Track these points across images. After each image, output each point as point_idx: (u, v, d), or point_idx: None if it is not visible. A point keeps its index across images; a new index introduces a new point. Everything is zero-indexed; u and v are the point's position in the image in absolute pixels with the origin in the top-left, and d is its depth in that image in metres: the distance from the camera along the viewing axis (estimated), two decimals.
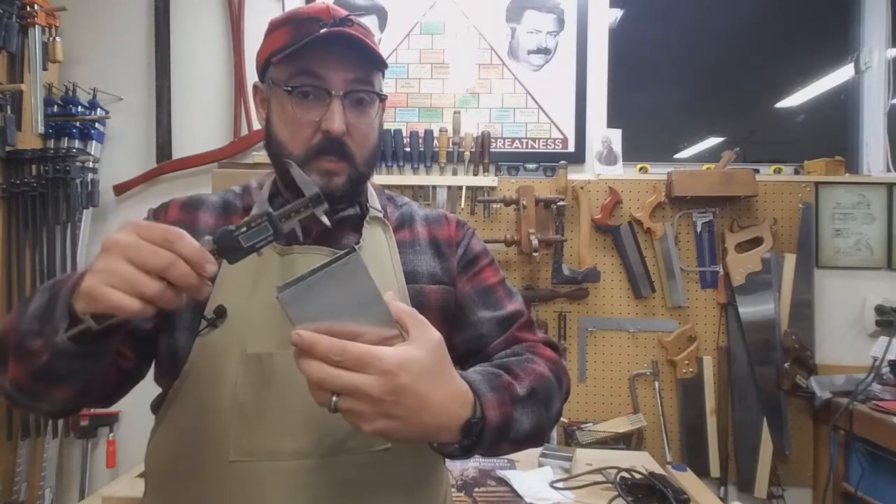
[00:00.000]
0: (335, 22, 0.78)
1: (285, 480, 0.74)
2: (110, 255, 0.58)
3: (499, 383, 0.72)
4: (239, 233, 0.63)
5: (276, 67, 0.80)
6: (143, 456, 0.83)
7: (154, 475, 0.82)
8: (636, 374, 2.21)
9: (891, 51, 2.36)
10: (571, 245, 2.22)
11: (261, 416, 0.74)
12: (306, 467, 0.74)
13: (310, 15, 0.80)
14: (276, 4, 2.35)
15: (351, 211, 0.86)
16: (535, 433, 0.75)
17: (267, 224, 0.64)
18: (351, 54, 0.78)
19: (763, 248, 2.16)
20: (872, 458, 1.86)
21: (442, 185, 2.25)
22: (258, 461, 0.74)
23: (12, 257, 2.16)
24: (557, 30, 2.32)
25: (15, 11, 2.08)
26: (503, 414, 0.69)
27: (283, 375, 0.74)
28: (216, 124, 2.37)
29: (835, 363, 2.17)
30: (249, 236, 0.64)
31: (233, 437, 0.74)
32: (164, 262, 0.57)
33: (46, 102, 2.21)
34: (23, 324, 0.65)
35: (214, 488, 0.74)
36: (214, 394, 0.75)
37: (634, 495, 1.43)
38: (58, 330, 0.60)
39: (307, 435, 0.74)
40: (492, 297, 0.91)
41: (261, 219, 0.64)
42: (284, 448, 0.74)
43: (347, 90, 0.78)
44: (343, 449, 0.75)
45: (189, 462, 0.76)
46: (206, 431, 0.75)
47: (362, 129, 0.81)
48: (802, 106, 2.57)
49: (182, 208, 0.86)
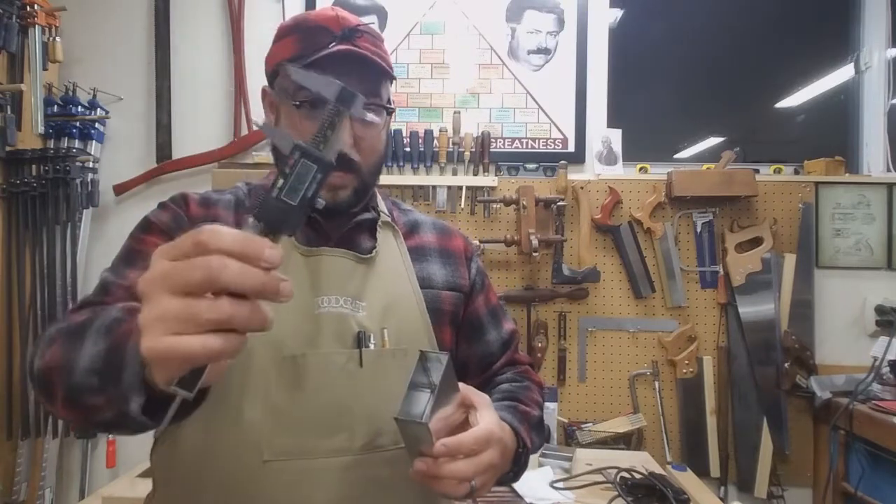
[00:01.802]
0: (345, 33, 0.79)
1: (319, 478, 0.75)
2: (151, 297, 0.45)
3: (519, 416, 0.86)
4: (279, 191, 0.48)
5: (284, 78, 0.81)
6: (143, 456, 0.83)
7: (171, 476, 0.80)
8: (636, 374, 2.21)
9: (891, 51, 2.36)
10: (571, 245, 2.22)
11: (294, 416, 0.75)
12: (340, 465, 0.76)
13: (319, 24, 0.81)
14: (276, 5, 2.35)
15: (367, 215, 0.88)
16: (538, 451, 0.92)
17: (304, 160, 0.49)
18: (360, 70, 0.79)
19: (763, 248, 2.16)
20: (872, 458, 1.86)
21: (442, 185, 2.25)
22: (293, 461, 0.75)
23: (12, 257, 2.16)
24: (557, 30, 2.32)
25: (15, 11, 2.08)
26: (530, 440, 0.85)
27: (315, 376, 0.76)
28: (216, 124, 2.37)
29: (835, 363, 2.17)
30: (293, 188, 0.48)
31: (266, 438, 0.74)
32: (206, 271, 0.43)
33: (46, 102, 2.21)
34: (76, 374, 0.57)
35: (248, 489, 0.75)
36: (246, 396, 0.75)
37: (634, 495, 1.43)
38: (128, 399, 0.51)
39: (340, 433, 0.76)
40: (497, 316, 0.99)
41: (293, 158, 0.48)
42: (318, 447, 0.75)
43: None
44: (374, 446, 0.77)
45: (219, 462, 0.76)
46: (237, 433, 0.75)
47: (370, 142, 0.82)
48: (802, 106, 2.57)
49: (201, 204, 0.85)
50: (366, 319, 0.80)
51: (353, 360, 0.77)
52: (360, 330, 0.79)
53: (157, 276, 0.45)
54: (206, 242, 0.43)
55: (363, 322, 0.80)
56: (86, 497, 2.22)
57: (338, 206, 0.81)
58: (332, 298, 0.79)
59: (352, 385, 0.77)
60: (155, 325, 0.44)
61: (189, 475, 0.78)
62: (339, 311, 0.79)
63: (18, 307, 2.16)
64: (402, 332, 0.82)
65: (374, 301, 0.82)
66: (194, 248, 0.44)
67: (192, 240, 0.44)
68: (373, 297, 0.82)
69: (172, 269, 0.44)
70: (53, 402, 0.62)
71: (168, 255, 0.46)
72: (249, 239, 0.44)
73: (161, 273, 0.45)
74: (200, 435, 0.76)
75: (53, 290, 2.17)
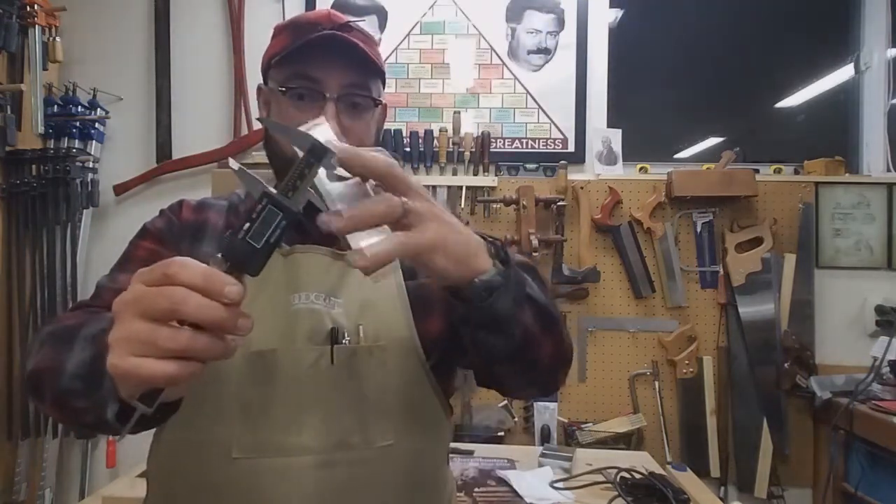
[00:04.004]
0: (335, 28, 0.80)
1: (289, 477, 0.74)
2: (121, 317, 0.48)
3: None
4: (244, 233, 0.50)
5: (276, 70, 0.83)
6: (143, 456, 0.83)
7: (156, 475, 0.82)
8: (636, 374, 2.21)
9: (891, 51, 2.36)
10: (571, 245, 2.21)
11: (264, 412, 0.75)
12: (310, 463, 0.74)
13: (311, 21, 0.82)
14: (276, 5, 2.35)
15: None
16: (547, 306, 0.70)
17: (271, 207, 0.50)
18: (347, 59, 0.80)
19: (763, 248, 2.16)
20: (872, 458, 1.86)
21: (442, 185, 2.25)
22: (262, 458, 0.74)
23: (12, 257, 2.16)
24: (557, 30, 2.32)
25: (15, 11, 2.08)
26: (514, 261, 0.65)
27: (286, 371, 0.75)
28: (216, 124, 2.37)
29: (835, 363, 2.17)
30: (258, 232, 0.50)
31: (236, 435, 0.74)
32: (169, 301, 0.46)
33: (46, 102, 2.21)
34: (64, 378, 0.61)
35: (218, 486, 0.74)
36: (216, 392, 0.75)
37: (634, 495, 1.43)
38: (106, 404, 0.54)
39: (310, 430, 0.75)
40: None
41: (261, 204, 0.50)
42: (288, 444, 0.74)
43: (342, 93, 0.80)
44: (346, 445, 0.76)
45: (192, 460, 0.76)
46: (208, 429, 0.75)
47: (357, 132, 0.82)
48: (802, 106, 2.57)
49: (195, 209, 0.88)
50: (341, 316, 0.79)
51: (324, 356, 0.76)
52: (334, 326, 0.78)
53: (129, 299, 0.48)
54: (173, 275, 0.47)
55: (338, 318, 0.79)
56: (86, 497, 2.23)
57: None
58: (306, 295, 0.78)
59: (322, 382, 0.76)
60: (121, 345, 0.47)
61: (169, 473, 0.79)
62: (312, 307, 0.78)
63: (18, 307, 2.16)
64: (380, 328, 0.80)
65: (351, 297, 0.81)
66: (163, 278, 0.47)
67: (163, 270, 0.47)
68: (349, 293, 0.81)
69: (142, 295, 0.48)
70: (43, 401, 0.66)
71: (143, 279, 0.49)
72: (213, 274, 0.47)
73: (133, 296, 0.48)
74: (175, 432, 0.77)
75: (53, 290, 2.17)
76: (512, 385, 0.77)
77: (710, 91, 2.57)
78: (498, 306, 0.61)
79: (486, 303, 0.60)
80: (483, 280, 0.59)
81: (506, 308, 0.62)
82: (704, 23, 2.51)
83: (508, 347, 0.65)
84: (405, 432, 0.79)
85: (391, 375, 0.79)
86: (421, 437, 0.81)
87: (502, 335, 0.64)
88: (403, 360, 0.80)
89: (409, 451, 0.79)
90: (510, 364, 0.69)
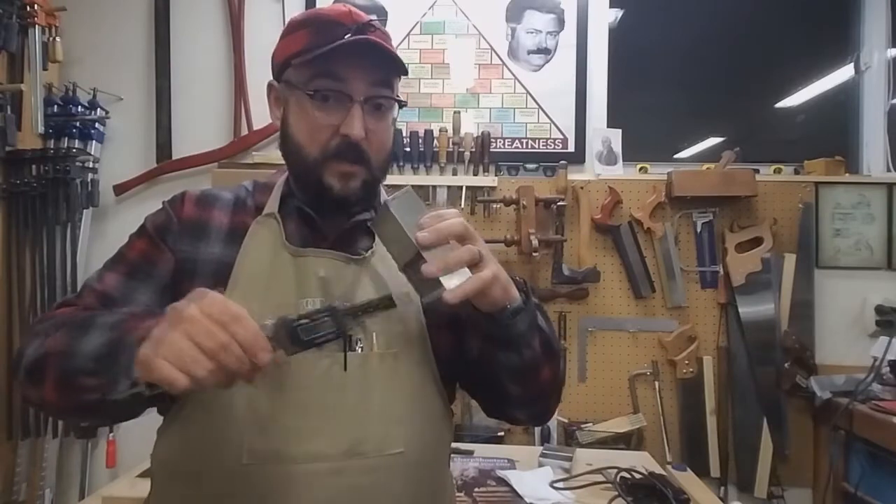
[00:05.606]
0: (359, 27, 0.79)
1: (298, 484, 0.73)
2: (171, 326, 0.58)
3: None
4: (299, 324, 0.62)
5: (296, 69, 0.81)
6: (143, 456, 0.83)
7: (162, 476, 0.81)
8: (636, 374, 2.21)
9: (891, 51, 2.36)
10: (571, 245, 2.21)
11: (275, 419, 0.74)
12: (319, 471, 0.74)
13: (332, 18, 0.81)
14: (276, 5, 2.34)
15: (366, 215, 0.86)
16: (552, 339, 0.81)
17: (330, 320, 0.64)
18: (373, 61, 0.79)
19: (763, 248, 2.16)
20: (872, 458, 1.86)
21: (442, 185, 2.25)
22: (273, 465, 0.74)
23: (12, 257, 2.16)
24: (557, 30, 2.32)
25: (15, 11, 2.08)
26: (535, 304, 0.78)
27: (297, 379, 0.75)
28: (216, 124, 2.37)
29: (835, 363, 2.17)
30: (309, 329, 0.63)
31: (247, 441, 0.74)
32: (217, 344, 0.57)
33: (46, 102, 2.21)
34: (77, 358, 0.65)
35: (227, 491, 0.74)
36: (228, 397, 0.74)
37: (634, 495, 1.43)
38: (117, 383, 0.61)
39: (320, 438, 0.75)
40: None
41: (324, 314, 0.63)
42: (298, 451, 0.74)
43: (368, 96, 0.80)
44: (356, 452, 0.75)
45: (201, 464, 0.76)
46: (219, 434, 0.74)
47: (379, 135, 0.82)
48: (802, 106, 2.56)
49: (197, 204, 0.86)
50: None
51: (337, 363, 0.74)
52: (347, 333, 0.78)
53: (186, 316, 0.58)
54: (229, 323, 0.58)
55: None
56: (86, 497, 2.22)
57: (347, 197, 0.80)
58: (317, 301, 0.77)
59: (334, 389, 0.75)
60: (160, 344, 0.57)
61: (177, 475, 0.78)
62: None
63: (18, 307, 2.16)
64: (393, 335, 0.79)
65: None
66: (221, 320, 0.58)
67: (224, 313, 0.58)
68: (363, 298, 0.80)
69: (198, 322, 0.57)
70: (41, 384, 0.68)
71: (203, 307, 0.58)
72: (257, 338, 0.59)
73: (189, 316, 0.58)
74: (186, 434, 0.76)
75: (53, 290, 2.17)
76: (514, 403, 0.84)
77: (710, 91, 2.57)
78: (517, 328, 0.73)
79: (510, 322, 0.72)
80: (513, 306, 0.72)
81: (522, 330, 0.74)
82: (704, 23, 2.51)
83: (517, 364, 0.76)
84: (415, 440, 0.79)
85: (403, 383, 0.79)
86: (429, 445, 0.82)
87: (515, 353, 0.75)
88: (416, 369, 0.80)
89: (418, 458, 0.79)
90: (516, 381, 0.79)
